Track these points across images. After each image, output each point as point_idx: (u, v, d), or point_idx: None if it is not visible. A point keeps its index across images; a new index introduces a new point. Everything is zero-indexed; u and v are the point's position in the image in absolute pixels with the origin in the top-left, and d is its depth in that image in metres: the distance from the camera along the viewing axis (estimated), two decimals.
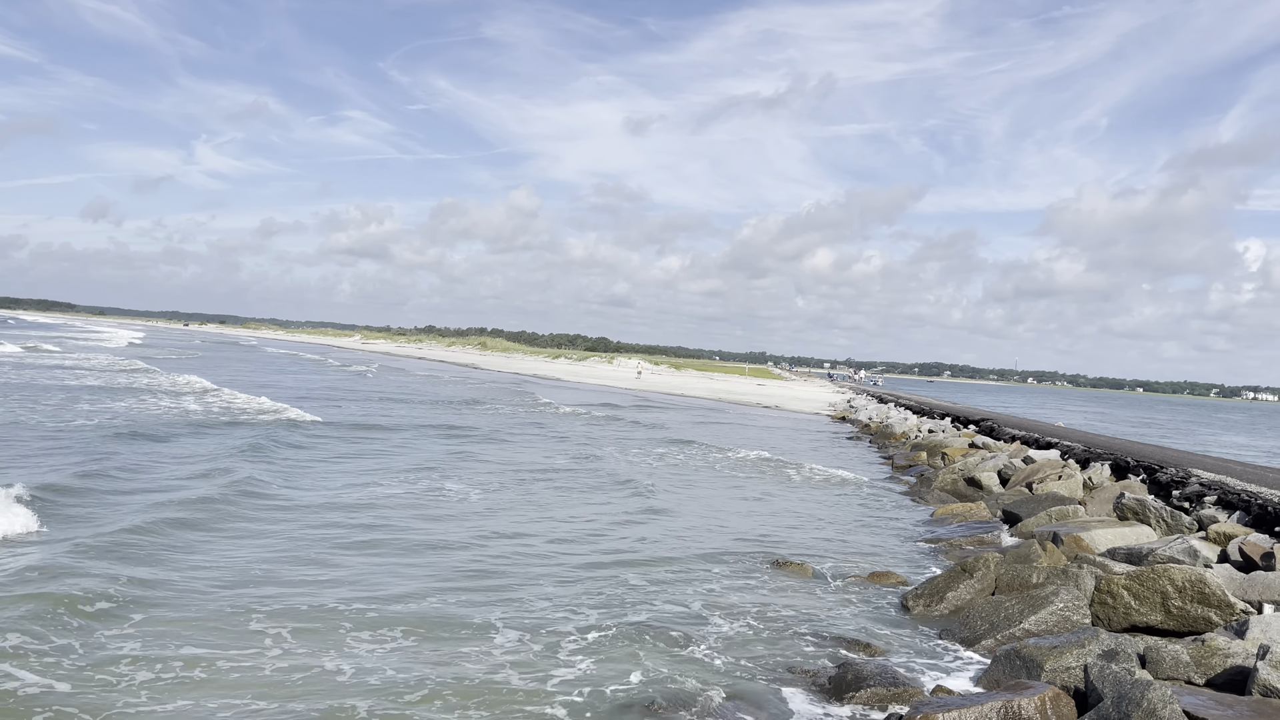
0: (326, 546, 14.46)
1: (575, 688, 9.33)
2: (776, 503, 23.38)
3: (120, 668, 9.00)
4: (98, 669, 8.90)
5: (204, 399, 40.80)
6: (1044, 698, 8.49)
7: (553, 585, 13.24)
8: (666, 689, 9.44)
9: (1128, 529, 16.46)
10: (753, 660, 10.60)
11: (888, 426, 49.58)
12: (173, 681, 8.77)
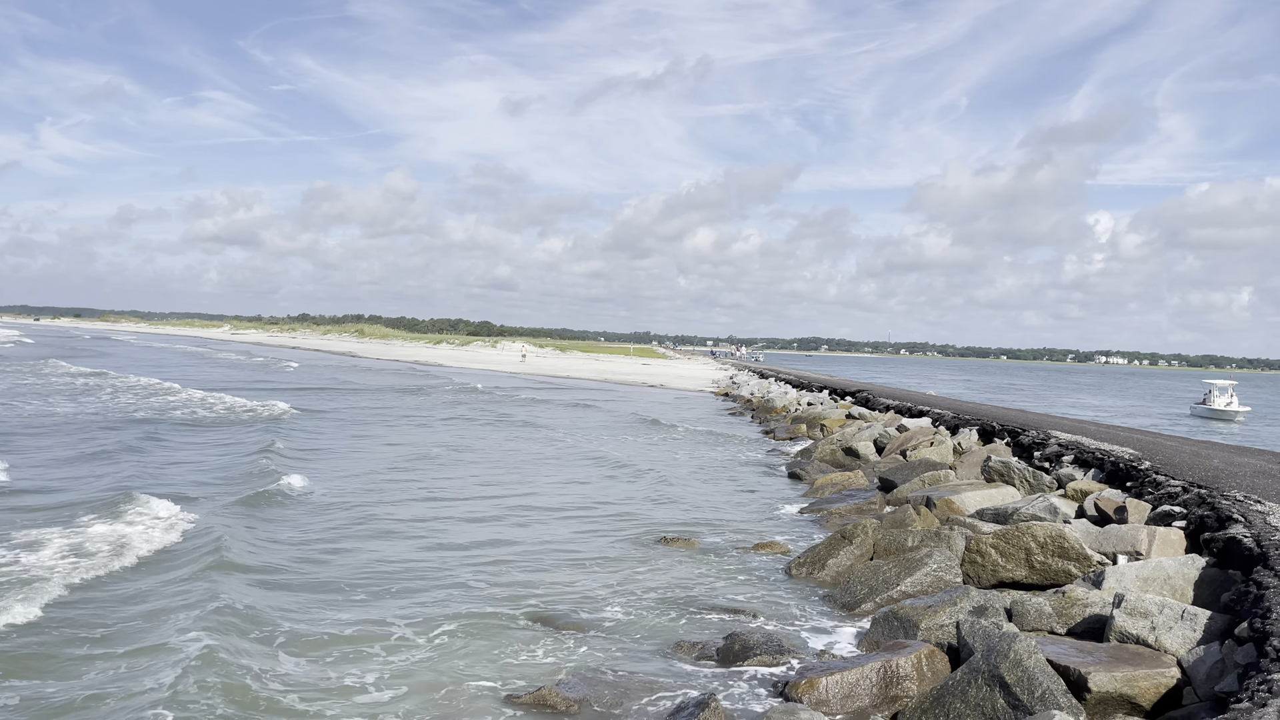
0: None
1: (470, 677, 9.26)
2: (659, 480, 23.62)
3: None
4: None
5: (168, 397, 40.04)
6: (920, 655, 8.85)
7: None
8: (559, 670, 9.46)
9: (994, 490, 17.25)
10: (643, 634, 10.71)
11: (769, 401, 50.64)
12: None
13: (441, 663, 9.59)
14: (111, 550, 12.99)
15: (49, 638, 9.64)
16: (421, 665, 9.50)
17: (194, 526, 14.80)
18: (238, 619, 10.22)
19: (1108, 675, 7.76)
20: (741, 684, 9.28)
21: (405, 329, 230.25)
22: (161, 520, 14.96)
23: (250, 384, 53.63)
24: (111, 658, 9.15)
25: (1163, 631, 8.60)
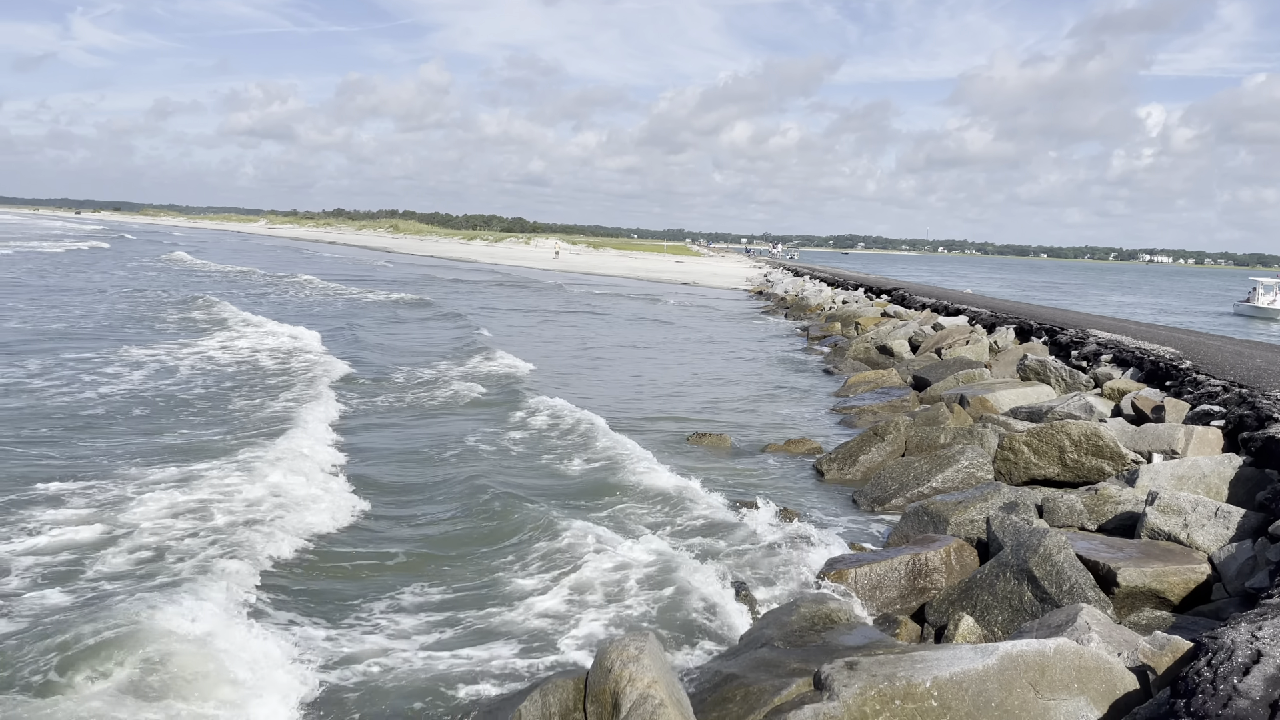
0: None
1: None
2: (693, 375, 23.72)
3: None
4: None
5: (325, 290, 46.08)
6: (949, 549, 8.95)
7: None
8: (594, 576, 9.70)
9: (1029, 389, 17.15)
10: (673, 534, 10.91)
11: (803, 299, 50.32)
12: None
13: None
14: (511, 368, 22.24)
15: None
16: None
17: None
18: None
19: (1137, 570, 7.81)
20: (771, 575, 9.45)
21: (439, 225, 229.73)
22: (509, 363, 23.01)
23: (370, 279, 57.92)
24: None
25: (1195, 529, 8.60)
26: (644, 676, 5.31)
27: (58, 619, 7.47)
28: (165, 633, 6.98)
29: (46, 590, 8.23)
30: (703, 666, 6.78)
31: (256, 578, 8.69)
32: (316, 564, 9.41)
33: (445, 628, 8.03)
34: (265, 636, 7.32)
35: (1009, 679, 5.34)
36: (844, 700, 5.24)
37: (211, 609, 7.54)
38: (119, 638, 6.86)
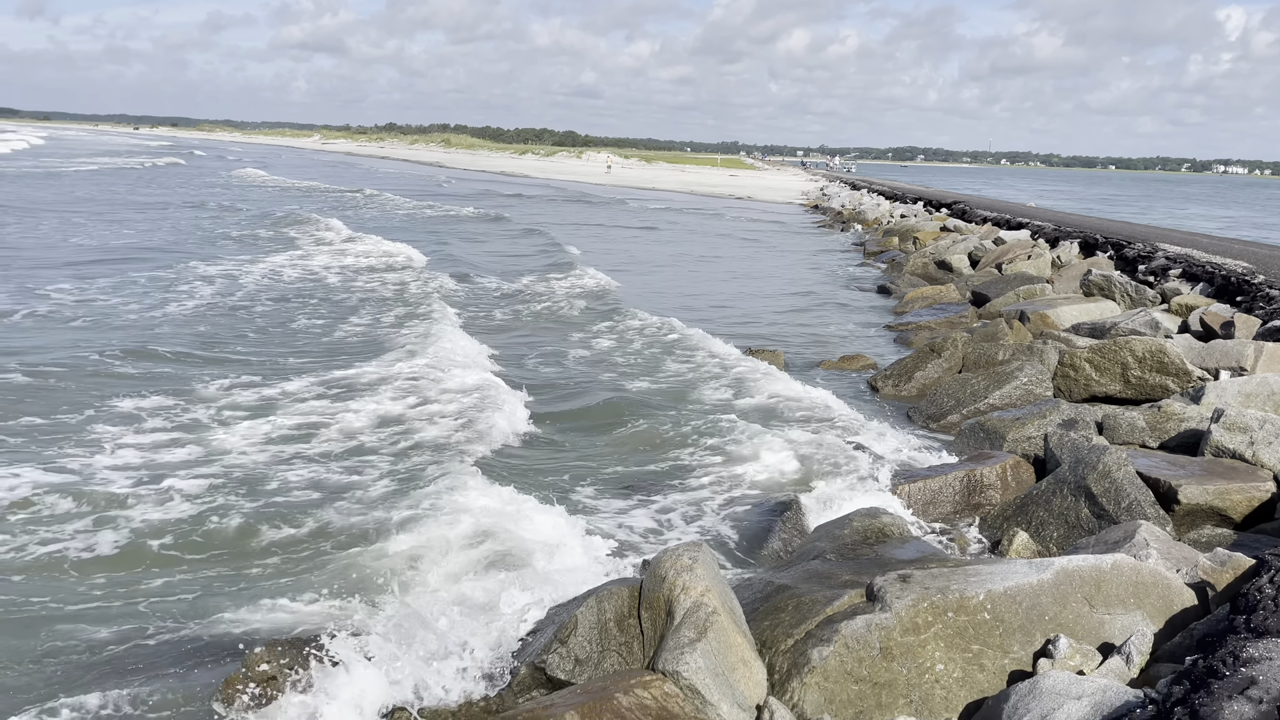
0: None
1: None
2: (747, 290, 23.57)
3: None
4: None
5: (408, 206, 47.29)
6: (1005, 466, 8.88)
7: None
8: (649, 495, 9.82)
9: (1093, 304, 16.77)
10: (729, 450, 10.97)
11: (860, 213, 49.43)
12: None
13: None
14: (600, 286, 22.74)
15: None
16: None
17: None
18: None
19: (1199, 488, 7.69)
20: (827, 494, 9.48)
21: (490, 139, 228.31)
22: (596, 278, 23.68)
23: (438, 194, 59.26)
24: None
25: (1261, 446, 8.42)
26: (697, 585, 5.39)
27: (370, 507, 8.53)
28: (466, 507, 8.22)
29: (343, 480, 9.27)
30: (755, 577, 6.86)
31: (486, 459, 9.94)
32: (516, 452, 10.45)
33: (637, 507, 9.09)
34: (529, 502, 8.41)
35: (1064, 593, 5.33)
36: (896, 612, 5.28)
37: (479, 482, 8.82)
38: (430, 513, 8.16)
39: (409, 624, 5.96)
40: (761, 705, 4.98)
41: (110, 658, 6.06)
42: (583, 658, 5.61)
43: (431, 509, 8.28)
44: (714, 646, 5.01)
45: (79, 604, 6.69)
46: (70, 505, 8.25)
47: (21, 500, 8.28)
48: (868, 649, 5.17)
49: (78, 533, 7.79)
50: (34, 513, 8.10)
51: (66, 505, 8.25)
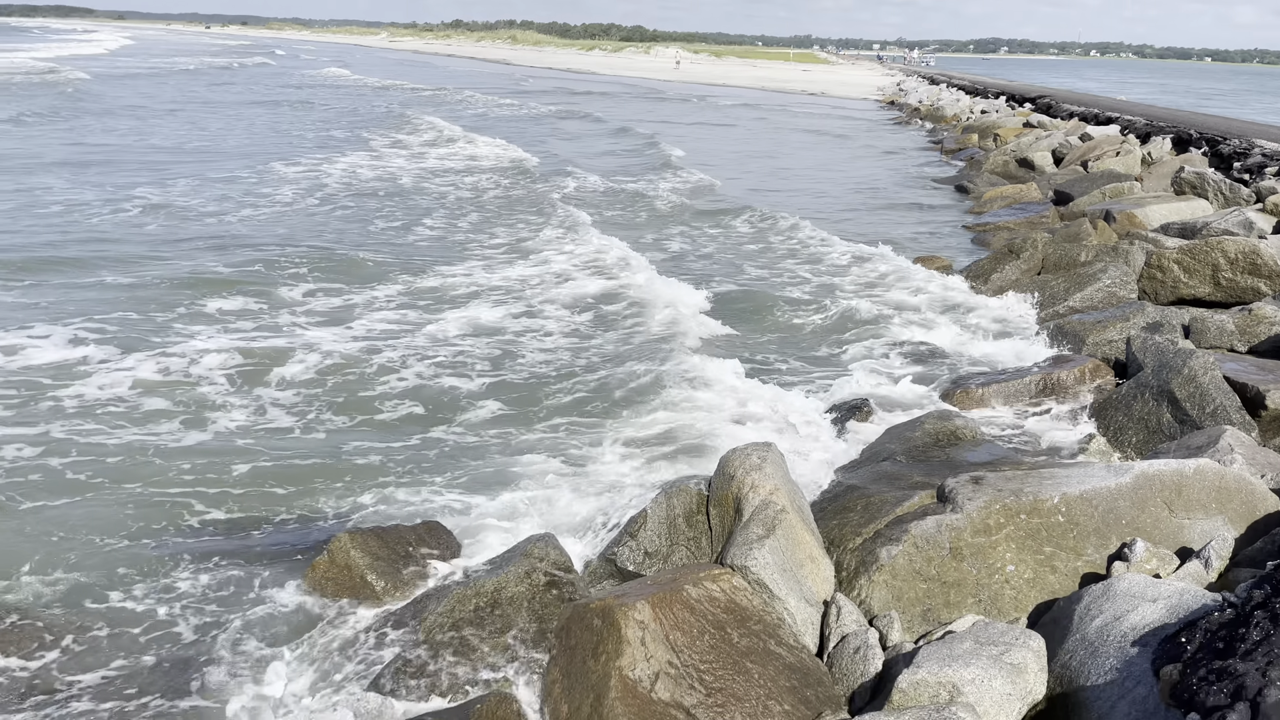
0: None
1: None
2: (822, 189, 23.06)
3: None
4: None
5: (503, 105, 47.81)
6: (1083, 369, 8.68)
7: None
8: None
9: (1183, 204, 16.04)
10: (805, 356, 10.90)
11: (938, 109, 47.69)
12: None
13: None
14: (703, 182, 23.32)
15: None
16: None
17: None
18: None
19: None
20: (900, 388, 9.39)
21: (557, 35, 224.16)
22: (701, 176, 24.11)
23: (520, 91, 59.52)
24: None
25: None
26: (766, 484, 5.42)
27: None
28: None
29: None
30: (823, 477, 6.88)
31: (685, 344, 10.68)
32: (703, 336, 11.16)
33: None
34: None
35: (1143, 497, 5.24)
36: (967, 513, 5.26)
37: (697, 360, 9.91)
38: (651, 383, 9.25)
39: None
40: (828, 601, 5.04)
41: (202, 540, 6.37)
42: (652, 551, 5.72)
43: (632, 392, 9.14)
44: (782, 543, 5.06)
45: (174, 488, 7.02)
46: (164, 402, 8.60)
47: (120, 396, 8.66)
48: (937, 549, 5.17)
49: (172, 426, 8.14)
50: (131, 406, 8.47)
51: (160, 402, 8.61)
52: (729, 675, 4.40)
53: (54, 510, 6.67)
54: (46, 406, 8.36)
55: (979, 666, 3.91)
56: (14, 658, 5.14)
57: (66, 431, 7.87)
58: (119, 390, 8.77)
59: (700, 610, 4.61)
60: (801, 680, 4.51)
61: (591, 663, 4.41)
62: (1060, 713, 4.00)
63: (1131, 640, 3.96)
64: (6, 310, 10.83)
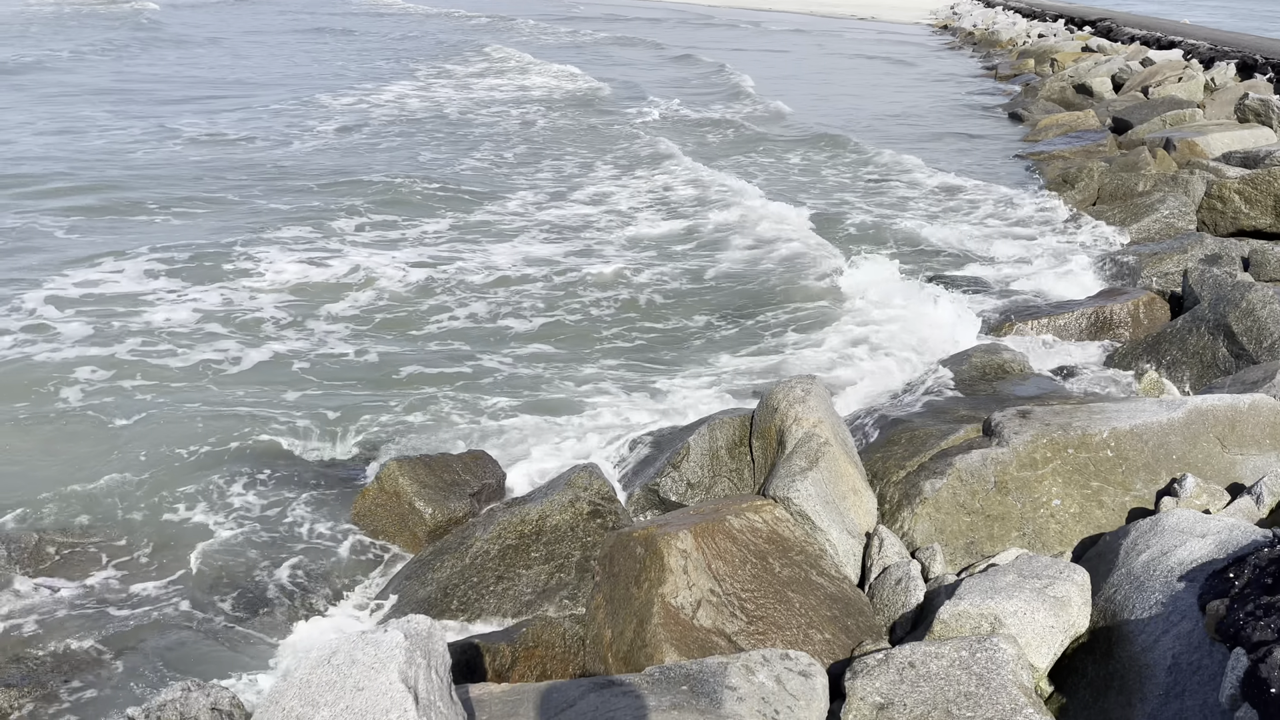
0: None
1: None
2: (866, 125, 22.57)
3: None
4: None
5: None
6: (1137, 302, 8.49)
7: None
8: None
9: (1246, 131, 15.47)
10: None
11: (993, 33, 46.21)
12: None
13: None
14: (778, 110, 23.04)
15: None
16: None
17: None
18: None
19: None
20: (947, 320, 9.26)
21: None
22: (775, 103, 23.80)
23: (572, 18, 57.80)
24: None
25: None
26: (810, 416, 5.41)
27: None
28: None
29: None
30: (868, 409, 6.85)
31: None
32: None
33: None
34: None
35: (1195, 432, 5.15)
36: (1014, 447, 5.21)
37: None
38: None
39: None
40: (871, 533, 5.05)
41: (257, 463, 6.53)
42: (694, 482, 5.77)
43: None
44: (825, 475, 5.06)
45: (233, 411, 7.20)
46: (223, 329, 8.80)
47: (183, 322, 8.89)
48: (982, 482, 5.15)
49: (232, 352, 8.35)
50: (193, 332, 8.70)
51: (219, 328, 8.81)
52: (770, 604, 4.45)
53: (120, 430, 6.92)
54: (116, 331, 8.63)
55: (1022, 599, 3.91)
56: (72, 571, 5.35)
57: (134, 355, 8.14)
58: (182, 317, 9.01)
59: (742, 540, 4.65)
60: (842, 610, 4.55)
61: (634, 590, 4.48)
62: (1102, 646, 4.00)
63: (1178, 575, 3.93)
64: (70, 244, 11.05)
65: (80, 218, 11.99)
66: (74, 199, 12.72)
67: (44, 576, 5.30)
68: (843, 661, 4.20)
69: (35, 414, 7.10)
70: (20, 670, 4.59)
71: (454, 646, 4.27)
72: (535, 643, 4.51)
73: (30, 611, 5.00)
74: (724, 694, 3.19)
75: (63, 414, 7.12)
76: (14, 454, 6.58)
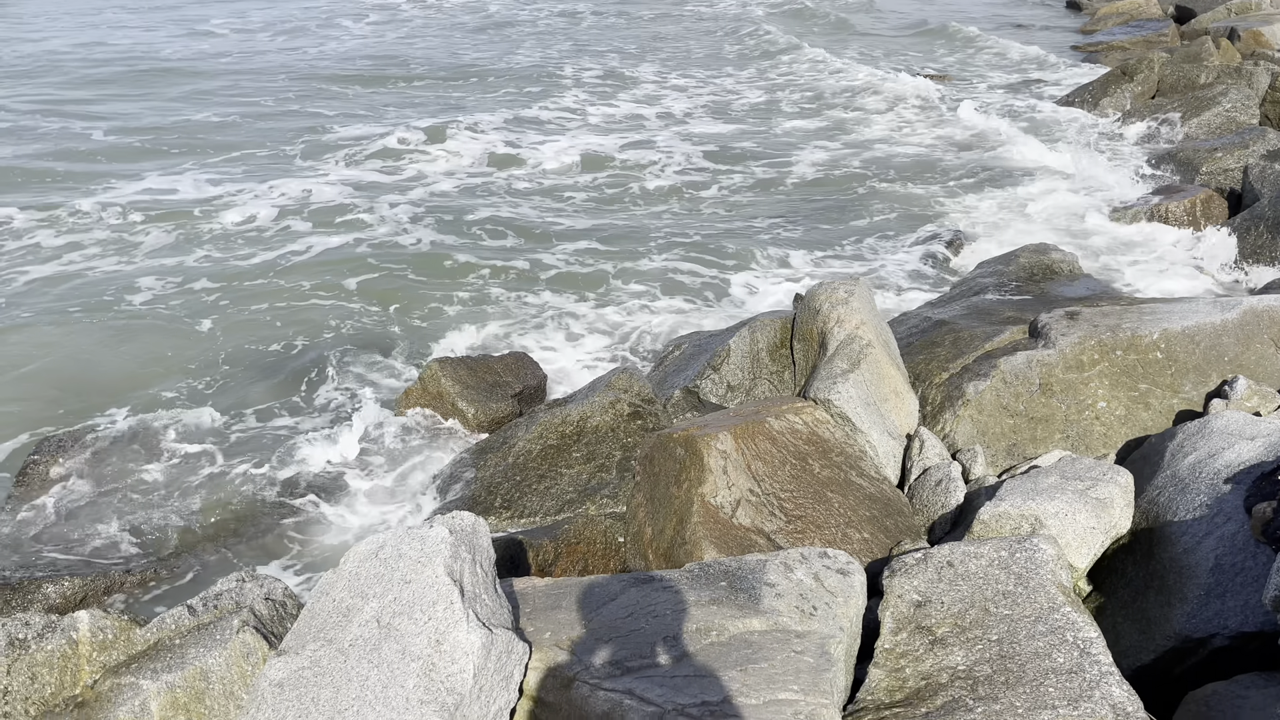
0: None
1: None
2: (915, 14, 21.74)
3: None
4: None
5: None
6: (1194, 200, 8.23)
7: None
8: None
9: None
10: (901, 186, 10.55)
11: None
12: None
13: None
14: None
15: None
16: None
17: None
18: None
19: None
20: (996, 218, 9.08)
21: None
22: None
23: None
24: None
25: None
26: (852, 318, 5.35)
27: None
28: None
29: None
30: (912, 312, 6.76)
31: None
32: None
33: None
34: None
35: (1249, 333, 5.03)
36: (1060, 349, 5.13)
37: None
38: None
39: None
40: (912, 435, 5.04)
41: (306, 355, 6.65)
42: (734, 384, 5.77)
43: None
44: (867, 377, 5.03)
45: (290, 308, 7.33)
46: (281, 227, 8.95)
47: (250, 219, 9.04)
48: (1026, 384, 5.09)
49: (292, 250, 8.51)
50: (259, 230, 8.85)
51: (277, 227, 8.95)
52: (809, 504, 4.48)
53: (185, 329, 7.10)
54: (184, 236, 8.81)
55: (1063, 500, 3.89)
56: (132, 467, 5.53)
57: (202, 260, 8.31)
58: (247, 215, 9.18)
59: (782, 441, 4.66)
60: (882, 510, 4.57)
61: (674, 489, 4.53)
62: (1143, 547, 3.99)
63: (1225, 478, 3.88)
64: (123, 151, 11.14)
65: (131, 115, 12.03)
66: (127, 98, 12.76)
67: (103, 472, 5.48)
68: (881, 560, 4.24)
69: (105, 317, 7.28)
70: (83, 562, 4.78)
71: (498, 542, 4.37)
72: (577, 539, 4.60)
73: (90, 506, 5.18)
74: (762, 590, 3.23)
75: (132, 315, 7.30)
76: (78, 353, 6.77)
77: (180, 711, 2.99)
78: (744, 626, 3.07)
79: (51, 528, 5.00)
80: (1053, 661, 2.94)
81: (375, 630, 2.72)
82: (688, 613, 3.12)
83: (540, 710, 2.83)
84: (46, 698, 3.05)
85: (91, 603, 4.48)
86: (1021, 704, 2.82)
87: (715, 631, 3.05)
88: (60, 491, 5.25)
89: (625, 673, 2.84)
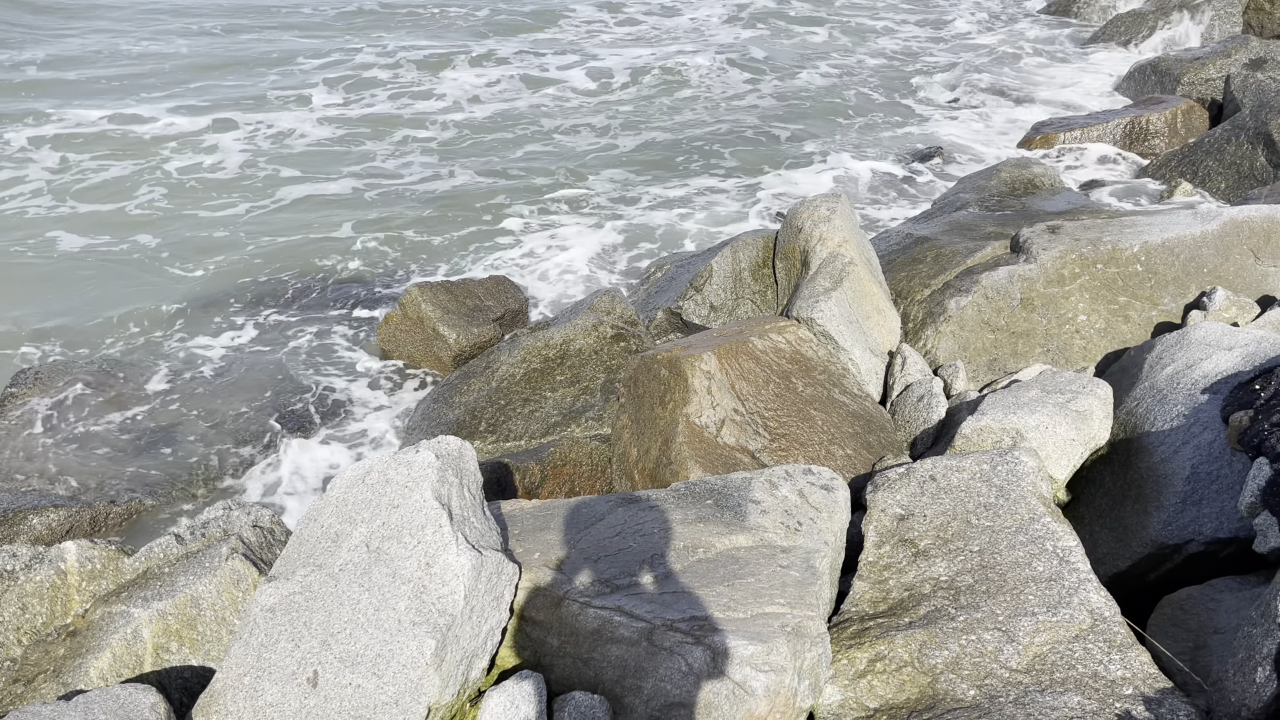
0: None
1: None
2: None
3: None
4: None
5: None
6: (1175, 110, 8.18)
7: None
8: None
9: None
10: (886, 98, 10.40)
11: None
12: None
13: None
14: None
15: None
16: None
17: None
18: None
19: None
20: (975, 132, 9.01)
21: None
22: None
23: None
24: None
25: None
26: (834, 236, 5.32)
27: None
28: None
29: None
30: (894, 229, 6.74)
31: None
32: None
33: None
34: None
35: (1228, 245, 5.04)
36: (1041, 263, 5.13)
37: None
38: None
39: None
40: (894, 351, 5.06)
41: (287, 287, 6.59)
42: (717, 304, 5.75)
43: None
44: (849, 295, 5.03)
45: (282, 240, 7.22)
46: (275, 166, 8.75)
47: (240, 150, 8.85)
48: (1007, 299, 5.10)
49: (287, 187, 8.36)
50: (251, 168, 8.71)
51: (272, 166, 8.72)
52: (793, 422, 4.51)
53: (165, 262, 6.99)
54: (180, 167, 8.62)
55: (1044, 413, 3.94)
56: (111, 396, 5.49)
57: (196, 200, 8.13)
58: (241, 151, 8.99)
59: (765, 361, 4.67)
60: (864, 426, 4.61)
61: (659, 410, 4.55)
62: (1121, 457, 4.05)
63: (1202, 388, 3.93)
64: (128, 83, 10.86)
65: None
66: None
67: (82, 405, 5.44)
68: (864, 476, 4.29)
69: (74, 248, 7.14)
70: (67, 491, 4.77)
71: (484, 465, 4.39)
72: (563, 461, 4.63)
73: (69, 440, 5.16)
74: (748, 507, 3.27)
75: (114, 242, 7.17)
76: (61, 286, 6.68)
77: (173, 638, 3.02)
78: (730, 543, 3.11)
79: (31, 460, 4.97)
80: (1033, 570, 3.00)
81: (365, 555, 2.73)
82: (674, 531, 3.15)
83: (531, 629, 2.87)
84: (38, 627, 3.06)
85: (77, 534, 4.49)
86: (1002, 611, 2.88)
87: (702, 548, 3.08)
88: (40, 424, 5.22)
89: (614, 590, 2.87)
